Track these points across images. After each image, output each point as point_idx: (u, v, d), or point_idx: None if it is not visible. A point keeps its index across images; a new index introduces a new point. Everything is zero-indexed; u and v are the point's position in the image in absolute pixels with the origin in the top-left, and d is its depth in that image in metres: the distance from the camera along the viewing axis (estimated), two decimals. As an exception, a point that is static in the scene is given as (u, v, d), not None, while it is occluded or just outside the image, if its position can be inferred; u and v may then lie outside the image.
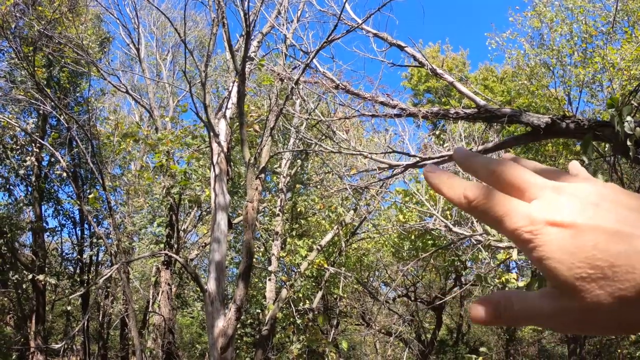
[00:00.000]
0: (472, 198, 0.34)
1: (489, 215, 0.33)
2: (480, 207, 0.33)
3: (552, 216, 0.31)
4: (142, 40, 10.13)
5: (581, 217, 0.31)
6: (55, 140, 12.02)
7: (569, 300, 0.31)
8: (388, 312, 11.10)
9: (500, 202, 0.33)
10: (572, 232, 0.31)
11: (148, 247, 8.31)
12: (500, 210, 0.33)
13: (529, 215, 0.32)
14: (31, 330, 12.75)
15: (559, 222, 0.31)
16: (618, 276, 0.29)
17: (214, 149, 7.00)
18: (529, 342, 15.44)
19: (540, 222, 0.31)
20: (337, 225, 7.68)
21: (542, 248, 0.31)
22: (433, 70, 6.88)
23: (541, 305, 0.32)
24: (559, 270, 0.31)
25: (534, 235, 0.31)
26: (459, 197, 0.34)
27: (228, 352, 6.64)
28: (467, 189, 0.34)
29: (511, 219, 0.32)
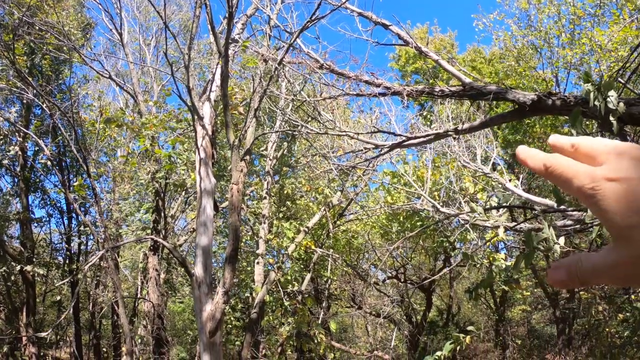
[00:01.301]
0: (549, 165, 0.39)
1: (561, 178, 0.38)
2: (555, 172, 0.38)
3: (610, 173, 0.36)
4: (125, 25, 9.93)
5: (636, 172, 0.35)
6: (39, 129, 11.84)
7: (625, 250, 0.35)
8: (378, 293, 11.20)
9: (570, 166, 0.38)
10: (627, 185, 0.35)
11: (135, 234, 8.27)
12: (570, 172, 0.37)
13: (591, 174, 0.36)
14: (22, 322, 12.69)
15: (616, 177, 0.35)
16: None
17: (198, 132, 6.92)
18: (518, 322, 15.68)
19: (600, 179, 0.36)
20: (324, 206, 7.67)
21: (602, 202, 0.35)
22: (418, 48, 6.82)
23: (604, 260, 0.36)
24: (615, 221, 0.35)
25: (595, 190, 0.36)
26: (540, 166, 0.40)
27: (217, 336, 6.63)
28: (545, 159, 0.40)
29: (578, 179, 0.37)
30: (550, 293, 14.17)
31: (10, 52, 8.59)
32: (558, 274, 0.38)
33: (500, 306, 14.11)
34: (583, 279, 0.37)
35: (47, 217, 13.23)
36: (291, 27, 7.44)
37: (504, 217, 7.71)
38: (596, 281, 0.37)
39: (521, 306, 15.28)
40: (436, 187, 8.34)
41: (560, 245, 3.66)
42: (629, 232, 0.34)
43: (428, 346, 11.20)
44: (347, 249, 9.64)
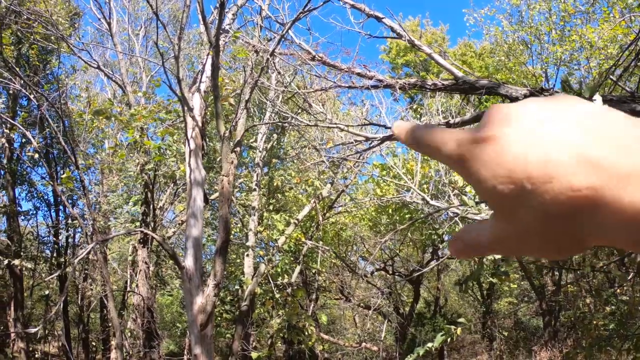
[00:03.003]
0: (418, 136, 0.35)
1: (430, 147, 0.34)
2: (424, 143, 0.34)
3: (478, 133, 0.30)
4: (113, 14, 9.78)
5: (504, 129, 0.29)
6: (26, 120, 11.64)
7: (506, 224, 0.30)
8: (367, 285, 11.27)
9: (438, 132, 0.33)
10: (494, 146, 0.29)
11: (124, 227, 8.19)
12: (438, 140, 0.33)
13: (459, 138, 0.31)
14: (10, 317, 12.53)
15: (483, 137, 0.30)
16: (537, 189, 0.27)
17: (188, 124, 6.86)
18: (505, 314, 15.90)
19: (468, 142, 0.31)
20: (313, 199, 7.67)
21: (470, 168, 0.30)
22: (411, 41, 6.83)
23: (491, 234, 0.32)
24: (485, 189, 0.29)
25: (463, 156, 0.31)
26: (410, 139, 0.36)
27: (208, 329, 6.62)
28: (413, 127, 0.36)
29: (446, 145, 0.32)
30: (537, 286, 14.39)
31: (-3, 41, 8.42)
32: (456, 245, 0.34)
33: (488, 298, 14.30)
34: (478, 251, 0.33)
35: (34, 210, 13.07)
36: (283, 18, 7.40)
37: (493, 210, 7.79)
38: (490, 253, 0.33)
39: (508, 298, 15.50)
40: (425, 180, 8.39)
41: None
42: (503, 203, 0.29)
43: (416, 338, 11.33)
44: (336, 241, 9.67)
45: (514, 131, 0.29)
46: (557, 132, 0.28)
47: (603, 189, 0.26)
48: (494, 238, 0.31)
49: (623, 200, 0.25)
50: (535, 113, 0.29)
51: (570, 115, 0.28)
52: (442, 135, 0.33)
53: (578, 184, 0.26)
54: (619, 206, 0.25)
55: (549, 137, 0.28)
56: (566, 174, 0.26)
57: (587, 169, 0.26)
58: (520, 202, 0.28)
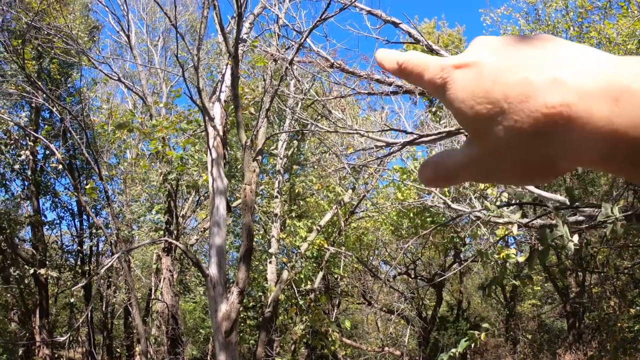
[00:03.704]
0: (401, 62, 0.35)
1: (413, 73, 0.34)
2: (408, 68, 0.35)
3: (459, 59, 0.32)
4: (132, 27, 9.98)
5: (486, 55, 0.31)
6: (49, 133, 11.92)
7: (479, 144, 0.31)
8: (388, 290, 11.21)
9: (422, 59, 0.34)
10: (475, 70, 0.30)
11: (148, 235, 8.30)
12: (422, 65, 0.34)
13: (442, 63, 0.32)
14: (36, 324, 12.79)
15: (464, 63, 0.31)
16: (513, 107, 0.28)
17: (209, 133, 6.95)
18: (528, 316, 15.63)
19: (449, 67, 0.32)
20: (335, 204, 7.68)
21: (449, 91, 0.31)
22: (429, 46, 6.81)
23: (463, 156, 0.32)
24: (463, 111, 0.31)
25: (444, 80, 0.32)
26: (394, 66, 0.36)
27: (232, 336, 6.67)
28: (398, 56, 0.36)
29: (428, 71, 0.33)
30: (560, 288, 14.13)
31: (20, 57, 8.64)
32: (425, 172, 0.35)
33: (511, 301, 14.09)
34: (448, 176, 0.34)
35: (58, 220, 13.35)
36: (299, 26, 7.45)
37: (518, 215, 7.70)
38: (461, 179, 0.34)
39: (531, 300, 15.24)
40: (446, 184, 8.30)
41: (574, 242, 3.65)
42: (479, 123, 0.30)
43: (439, 342, 11.21)
44: (358, 246, 9.66)
45: (494, 56, 0.30)
46: (534, 58, 0.29)
47: (576, 105, 0.27)
48: (466, 161, 0.32)
49: (593, 115, 0.27)
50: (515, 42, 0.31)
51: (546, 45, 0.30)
52: (426, 60, 0.34)
53: (552, 101, 0.27)
54: (590, 121, 0.27)
55: (525, 61, 0.29)
56: (542, 93, 0.28)
57: (561, 88, 0.27)
58: (497, 121, 0.29)
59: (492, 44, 0.32)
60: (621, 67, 0.27)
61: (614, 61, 0.28)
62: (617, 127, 0.26)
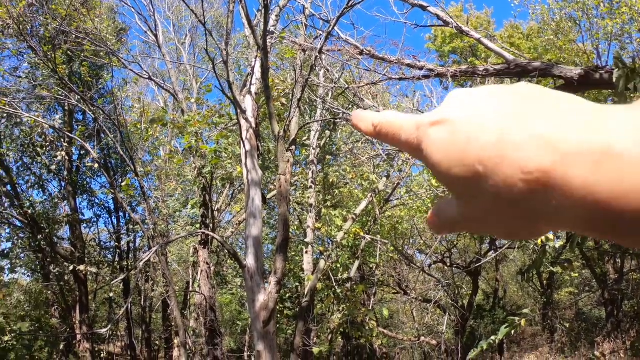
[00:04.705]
0: (376, 123, 0.34)
1: (389, 135, 0.33)
2: (384, 130, 0.33)
3: (434, 116, 0.30)
4: (159, 26, 10.12)
5: (460, 112, 0.28)
6: (83, 134, 12.28)
7: (463, 208, 0.29)
8: (424, 279, 11.13)
9: (397, 119, 0.32)
10: (448, 127, 0.28)
11: (184, 229, 8.47)
12: (397, 125, 0.32)
13: (417, 121, 0.31)
14: (76, 319, 13.26)
15: (438, 120, 0.29)
16: (488, 171, 0.26)
17: (242, 126, 7.00)
18: (565, 305, 15.28)
19: (425, 125, 0.30)
20: (370, 193, 7.65)
21: (426, 151, 0.29)
22: (458, 28, 6.65)
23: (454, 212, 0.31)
24: (441, 173, 0.29)
25: (420, 139, 0.30)
26: (370, 129, 0.34)
27: (270, 325, 6.73)
28: (373, 118, 0.34)
29: (404, 130, 0.32)
30: (598, 274, 13.73)
31: (51, 62, 8.88)
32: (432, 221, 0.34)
33: (548, 289, 13.78)
34: (448, 227, 0.32)
35: (95, 218, 13.78)
36: (326, 14, 7.40)
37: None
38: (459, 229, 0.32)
39: (568, 288, 14.86)
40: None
41: None
42: (457, 186, 0.28)
43: (476, 331, 11.07)
44: (393, 235, 9.62)
45: (467, 112, 0.28)
46: (512, 112, 0.27)
47: (554, 170, 0.24)
48: (459, 218, 0.30)
49: (573, 181, 0.24)
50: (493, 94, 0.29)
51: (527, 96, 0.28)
52: (401, 120, 0.32)
53: (528, 166, 0.25)
54: (569, 188, 0.24)
55: (502, 117, 0.27)
56: (517, 155, 0.25)
57: (538, 149, 0.25)
58: (475, 184, 0.27)
59: (468, 97, 0.30)
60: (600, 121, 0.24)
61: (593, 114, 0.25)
62: (597, 197, 0.23)
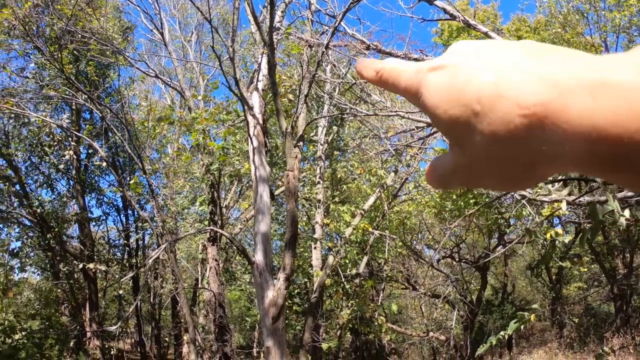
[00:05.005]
0: (378, 69, 0.34)
1: (389, 80, 0.33)
2: (384, 76, 0.33)
3: (434, 62, 0.30)
4: (165, 24, 10.14)
5: (462, 57, 0.29)
6: (91, 133, 12.36)
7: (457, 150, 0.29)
8: (433, 274, 11.11)
9: (398, 65, 0.33)
10: (449, 71, 0.29)
11: (192, 226, 8.52)
12: (398, 71, 0.32)
13: (417, 67, 0.31)
14: (86, 317, 13.37)
15: (439, 65, 0.30)
16: (485, 109, 0.26)
17: (250, 122, 7.01)
18: (574, 300, 15.19)
19: (424, 71, 0.30)
20: (378, 188, 7.63)
21: (424, 95, 0.30)
22: (466, 21, 6.61)
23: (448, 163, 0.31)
24: (438, 116, 0.29)
25: (419, 84, 0.30)
26: (372, 74, 0.34)
27: (279, 322, 6.74)
28: (375, 64, 0.34)
29: (404, 76, 0.32)
30: (607, 269, 13.63)
31: (57, 61, 8.92)
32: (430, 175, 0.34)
33: (557, 284, 13.71)
34: (443, 182, 0.32)
35: (104, 216, 13.87)
36: (332, 9, 7.38)
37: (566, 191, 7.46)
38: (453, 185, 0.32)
39: (577, 283, 14.76)
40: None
41: (625, 217, 3.50)
42: (454, 129, 0.28)
43: (484, 326, 11.03)
44: (401, 230, 9.61)
45: (470, 57, 0.29)
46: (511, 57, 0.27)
47: (551, 103, 0.25)
48: (452, 168, 0.30)
49: (570, 113, 0.24)
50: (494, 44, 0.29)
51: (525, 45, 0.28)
52: (401, 65, 0.32)
53: (525, 101, 0.25)
54: (567, 119, 0.24)
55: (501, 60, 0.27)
56: (514, 92, 0.25)
57: (534, 85, 0.25)
58: (471, 125, 0.27)
59: (470, 47, 0.30)
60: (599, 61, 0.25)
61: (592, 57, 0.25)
62: (595, 124, 0.23)
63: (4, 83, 10.95)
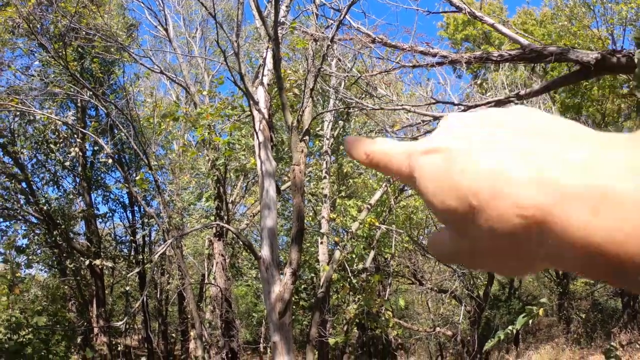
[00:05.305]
0: (368, 152, 0.32)
1: (381, 163, 0.32)
2: (375, 159, 0.32)
3: (427, 144, 0.28)
4: (169, 20, 10.14)
5: (456, 138, 0.27)
6: (96, 129, 12.40)
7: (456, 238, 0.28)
8: (439, 269, 11.10)
9: (389, 147, 0.31)
10: (443, 156, 0.27)
11: (198, 222, 8.52)
12: (389, 154, 0.31)
13: (409, 150, 0.29)
14: (93, 314, 13.46)
15: (432, 149, 0.28)
16: (482, 205, 0.25)
17: (255, 117, 6.99)
18: (581, 295, 15.14)
19: (417, 153, 0.29)
20: (384, 182, 7.60)
21: (419, 180, 0.28)
22: (472, 13, 6.54)
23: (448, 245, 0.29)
24: (434, 204, 0.27)
25: (412, 168, 0.29)
26: (362, 156, 0.33)
27: (286, 317, 6.73)
28: (365, 145, 0.33)
29: (396, 159, 0.30)
30: (615, 264, 13.54)
31: (62, 59, 8.93)
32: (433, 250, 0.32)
33: (564, 279, 13.65)
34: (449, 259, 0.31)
35: (110, 213, 13.94)
36: (337, 3, 7.33)
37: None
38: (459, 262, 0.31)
39: (584, 279, 14.69)
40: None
41: None
42: (452, 219, 0.27)
43: (491, 322, 11.00)
44: (407, 225, 9.59)
45: (465, 139, 0.27)
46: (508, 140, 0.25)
47: (551, 209, 0.23)
48: (454, 250, 0.29)
49: (571, 223, 0.23)
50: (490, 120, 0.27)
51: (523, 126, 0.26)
52: (393, 149, 0.31)
53: (524, 202, 0.24)
54: (567, 229, 0.23)
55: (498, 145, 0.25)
56: (514, 189, 0.24)
57: (536, 185, 0.24)
58: (469, 218, 0.26)
59: (463, 123, 0.28)
60: (607, 163, 0.23)
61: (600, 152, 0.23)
62: (593, 240, 0.22)
63: (9, 81, 10.99)
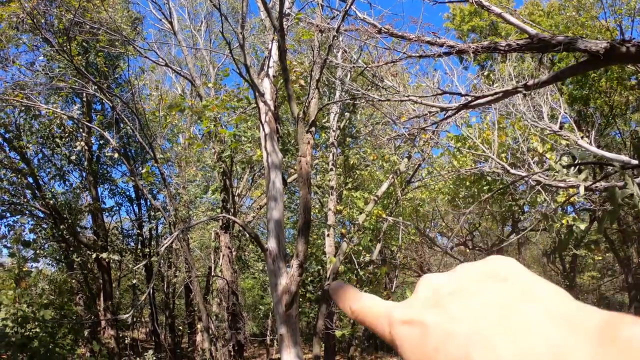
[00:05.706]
0: (353, 309, 0.34)
1: (366, 323, 0.33)
2: (360, 316, 0.34)
3: (405, 314, 0.30)
4: (174, 13, 10.10)
5: (430, 312, 0.29)
6: (102, 123, 12.43)
7: None
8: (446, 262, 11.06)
9: (372, 308, 0.33)
10: (420, 331, 0.28)
11: (205, 214, 8.52)
12: (372, 315, 0.32)
13: (389, 316, 0.31)
14: (100, 307, 13.55)
15: (409, 320, 0.29)
16: None
17: (261, 109, 6.96)
18: (588, 289, 15.06)
19: (397, 322, 0.30)
20: (392, 174, 7.56)
21: (400, 349, 0.29)
22: (479, 2, 6.45)
23: None
24: None
25: (395, 336, 0.30)
26: (346, 310, 0.35)
27: (292, 309, 6.73)
28: (351, 300, 0.35)
29: (379, 323, 0.32)
30: (622, 258, 13.46)
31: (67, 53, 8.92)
32: None
33: (570, 272, 13.60)
34: None
35: (117, 206, 13.99)
36: (343, -6, 7.28)
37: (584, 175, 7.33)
38: None
39: (590, 272, 14.60)
40: (503, 149, 8.03)
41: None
42: None
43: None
44: (414, 218, 9.55)
45: (439, 314, 0.28)
46: (482, 317, 0.26)
47: None
48: None
49: None
50: (460, 294, 0.28)
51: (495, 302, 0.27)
52: (376, 312, 0.32)
53: None
54: None
55: (471, 324, 0.26)
56: None
57: None
58: None
59: (437, 292, 0.30)
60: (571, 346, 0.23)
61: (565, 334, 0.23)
62: None
63: (15, 77, 11.02)
